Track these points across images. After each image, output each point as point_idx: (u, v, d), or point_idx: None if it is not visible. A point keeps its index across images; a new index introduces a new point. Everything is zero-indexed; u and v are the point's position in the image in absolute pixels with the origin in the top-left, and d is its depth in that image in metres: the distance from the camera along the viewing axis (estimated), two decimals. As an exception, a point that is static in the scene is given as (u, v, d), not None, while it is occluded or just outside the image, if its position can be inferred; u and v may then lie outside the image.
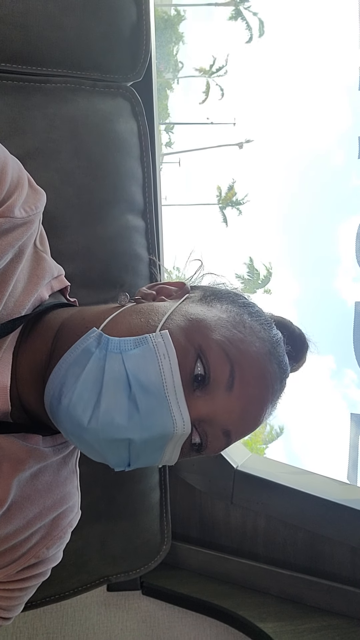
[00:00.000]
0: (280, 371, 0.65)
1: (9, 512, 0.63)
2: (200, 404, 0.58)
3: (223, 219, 23.88)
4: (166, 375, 0.56)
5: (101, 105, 0.90)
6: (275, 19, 38.39)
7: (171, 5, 23.81)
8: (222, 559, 1.16)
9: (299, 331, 0.76)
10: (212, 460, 1.13)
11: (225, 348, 0.59)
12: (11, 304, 0.61)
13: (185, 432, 0.57)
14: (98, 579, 1.04)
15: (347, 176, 64.69)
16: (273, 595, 1.13)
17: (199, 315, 0.62)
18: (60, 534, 0.70)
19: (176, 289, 0.70)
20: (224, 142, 29.19)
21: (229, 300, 0.67)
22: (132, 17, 0.89)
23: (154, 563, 1.09)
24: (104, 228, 0.90)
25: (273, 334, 0.66)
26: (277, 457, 37.51)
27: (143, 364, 0.56)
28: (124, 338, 0.58)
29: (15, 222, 0.59)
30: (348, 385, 60.55)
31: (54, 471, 0.68)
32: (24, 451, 0.62)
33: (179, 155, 28.40)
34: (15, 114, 0.83)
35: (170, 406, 0.56)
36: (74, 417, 0.55)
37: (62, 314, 0.66)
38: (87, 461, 0.78)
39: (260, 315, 0.67)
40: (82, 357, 0.57)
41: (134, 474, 1.01)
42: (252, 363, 0.61)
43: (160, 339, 0.57)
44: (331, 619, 1.07)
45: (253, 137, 28.97)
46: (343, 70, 57.00)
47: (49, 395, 0.59)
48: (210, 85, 23.54)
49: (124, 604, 1.16)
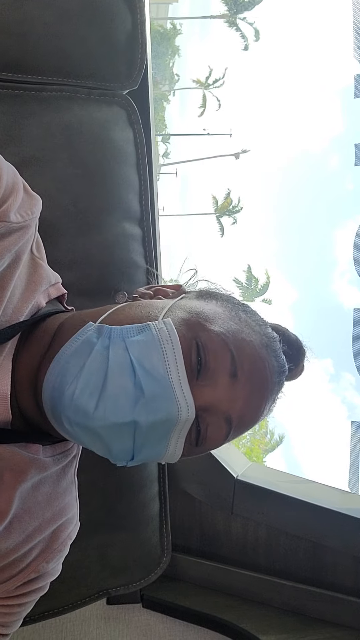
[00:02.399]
0: (278, 366, 0.66)
1: (10, 526, 0.62)
2: (204, 391, 0.59)
3: (220, 228, 23.98)
4: (169, 361, 0.57)
5: (97, 113, 0.90)
6: (271, 29, 38.79)
7: (167, 18, 24.06)
8: (223, 571, 1.15)
9: (295, 337, 0.76)
10: (212, 469, 1.12)
11: (224, 338, 0.60)
12: (9, 310, 0.60)
13: (189, 418, 0.57)
14: (97, 592, 1.02)
15: (341, 180, 65.18)
16: (275, 607, 1.11)
17: (197, 308, 0.63)
18: (60, 547, 0.69)
19: (173, 291, 0.71)
20: (220, 153, 29.38)
21: (223, 299, 0.68)
22: (127, 26, 0.89)
23: (154, 575, 1.07)
24: (101, 236, 0.89)
25: (269, 331, 0.67)
26: (277, 465, 37.39)
27: (146, 350, 0.57)
28: (127, 326, 0.59)
29: (11, 226, 0.59)
30: (346, 388, 60.62)
31: (54, 482, 0.67)
32: (26, 461, 0.61)
33: (176, 166, 28.58)
34: (10, 122, 0.83)
35: (174, 391, 0.56)
36: (80, 405, 0.55)
37: (60, 318, 0.66)
38: (86, 471, 0.77)
39: (254, 314, 0.68)
40: (84, 348, 0.58)
41: (133, 483, 1.00)
42: (252, 353, 0.62)
43: (163, 326, 0.58)
44: (335, 630, 1.06)
45: (249, 147, 29.17)
46: (336, 76, 57.59)
47: (48, 388, 0.58)
48: (207, 98, 23.73)
49: (123, 618, 1.14)
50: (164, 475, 1.06)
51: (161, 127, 24.75)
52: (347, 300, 64.64)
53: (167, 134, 26.79)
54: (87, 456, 0.72)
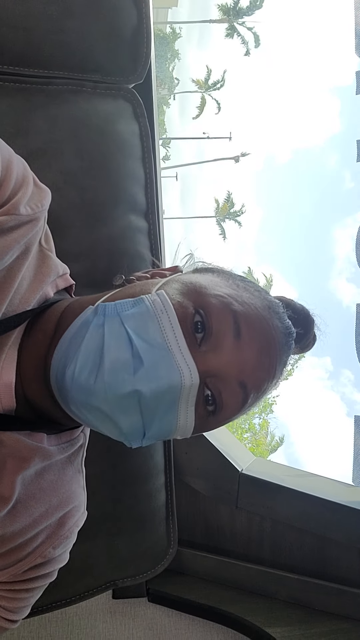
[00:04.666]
0: (283, 327, 0.65)
1: (14, 510, 0.62)
2: (208, 356, 0.58)
3: (221, 231, 24.00)
4: (166, 329, 0.57)
5: (103, 106, 0.90)
6: (270, 32, 38.92)
7: (166, 22, 24.14)
8: (229, 564, 1.15)
9: (301, 306, 0.76)
10: (216, 464, 1.12)
11: (223, 300, 0.60)
12: (17, 300, 0.61)
13: (194, 383, 0.56)
14: (105, 584, 1.02)
15: (341, 179, 65.29)
16: (281, 600, 1.12)
17: (193, 279, 0.63)
18: (67, 534, 0.69)
19: (170, 273, 0.71)
20: (220, 156, 29.45)
21: (219, 271, 0.69)
22: (132, 20, 0.90)
23: (160, 567, 1.07)
24: (107, 228, 0.90)
25: (269, 297, 0.67)
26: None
27: (142, 321, 0.57)
28: (120, 301, 0.59)
29: (21, 219, 0.60)
30: (345, 384, 60.63)
31: (59, 470, 0.68)
32: (29, 449, 0.62)
33: (176, 169, 28.63)
34: (17, 116, 0.84)
35: (174, 356, 0.56)
36: (80, 383, 0.55)
37: (62, 306, 0.66)
38: (93, 462, 0.78)
39: (253, 284, 0.68)
40: (82, 328, 0.58)
41: (139, 474, 1.00)
42: (254, 313, 0.61)
43: (156, 297, 0.59)
44: (340, 622, 1.06)
45: (249, 150, 29.21)
46: (335, 75, 57.72)
47: (54, 373, 0.59)
48: (206, 101, 23.78)
49: (129, 612, 1.15)
50: (170, 466, 1.06)
51: (161, 131, 24.78)
52: (346, 297, 64.78)
53: (167, 137, 26.84)
54: (94, 447, 0.73)
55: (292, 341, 0.68)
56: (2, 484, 0.60)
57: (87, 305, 0.62)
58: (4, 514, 0.61)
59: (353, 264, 1.87)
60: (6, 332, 0.60)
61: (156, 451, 1.03)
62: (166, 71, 24.64)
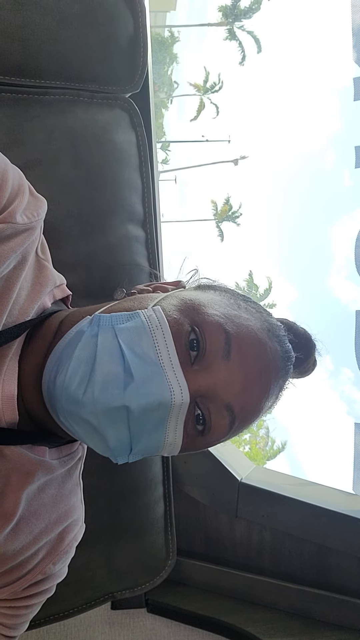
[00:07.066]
0: (282, 351, 0.64)
1: (16, 527, 0.61)
2: (199, 376, 0.57)
3: (219, 233, 24.04)
4: (160, 346, 0.56)
5: (99, 116, 0.90)
6: (268, 35, 39.04)
7: (165, 26, 24.20)
8: (228, 574, 1.14)
9: (303, 330, 0.75)
10: (215, 473, 1.12)
11: (219, 320, 0.59)
12: (15, 311, 0.61)
13: (184, 402, 0.55)
14: (103, 596, 1.02)
15: (339, 178, 65.52)
16: (281, 610, 1.11)
17: (192, 296, 0.63)
18: (67, 549, 0.69)
19: (172, 287, 0.71)
20: (219, 159, 29.50)
21: (222, 289, 0.68)
22: (129, 29, 0.90)
23: (159, 578, 1.06)
24: (105, 238, 0.89)
25: (271, 319, 0.66)
26: (279, 466, 37.31)
27: (136, 336, 0.56)
28: (116, 313, 0.59)
29: (17, 228, 0.60)
30: (345, 382, 60.72)
31: (59, 484, 0.67)
32: (32, 463, 0.61)
33: (175, 172, 28.66)
34: (14, 126, 0.84)
35: (165, 374, 0.55)
36: (70, 392, 0.54)
37: (61, 316, 0.66)
38: (91, 474, 0.77)
39: (256, 304, 0.67)
40: (76, 338, 0.58)
41: (137, 486, 0.99)
42: (250, 334, 0.60)
43: (152, 313, 0.58)
44: (341, 633, 1.05)
45: (248, 153, 29.26)
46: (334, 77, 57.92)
47: (46, 380, 0.58)
48: (204, 104, 23.83)
49: (128, 623, 1.14)
50: (169, 477, 1.05)
51: (160, 134, 24.85)
52: (345, 296, 64.97)
53: (166, 141, 26.89)
54: (92, 459, 0.72)
55: (291, 365, 0.67)
56: (7, 500, 0.59)
57: (86, 315, 0.61)
58: (6, 532, 0.60)
59: (351, 263, 1.89)
60: (7, 343, 0.59)
61: (154, 463, 1.02)
62: (164, 75, 24.69)
